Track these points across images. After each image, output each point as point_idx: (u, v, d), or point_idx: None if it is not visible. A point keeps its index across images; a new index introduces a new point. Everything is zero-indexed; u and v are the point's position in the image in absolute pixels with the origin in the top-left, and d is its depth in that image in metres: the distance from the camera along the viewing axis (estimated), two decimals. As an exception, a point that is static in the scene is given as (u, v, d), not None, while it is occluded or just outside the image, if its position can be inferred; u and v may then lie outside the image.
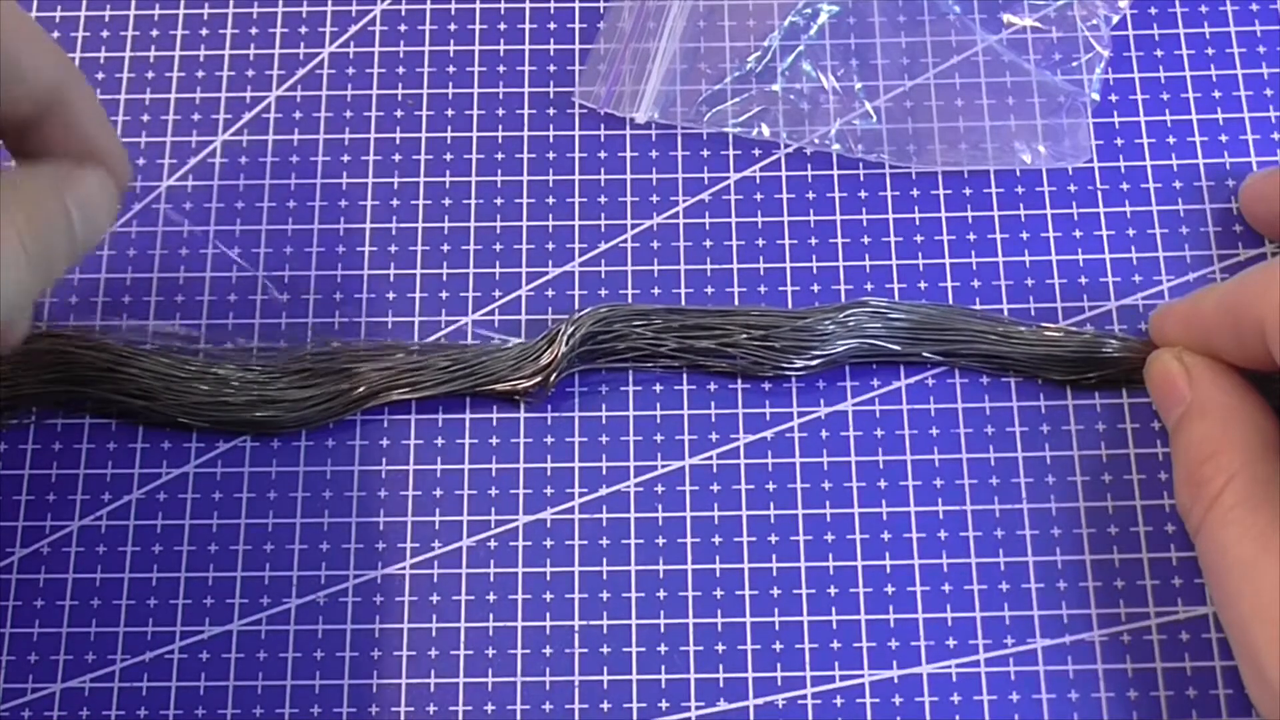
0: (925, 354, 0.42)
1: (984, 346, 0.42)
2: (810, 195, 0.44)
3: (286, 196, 0.45)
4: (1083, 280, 0.43)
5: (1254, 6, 0.46)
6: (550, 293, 0.43)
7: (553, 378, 0.41)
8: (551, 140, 0.45)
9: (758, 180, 0.45)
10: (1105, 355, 0.41)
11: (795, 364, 0.42)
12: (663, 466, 0.42)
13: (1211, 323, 0.38)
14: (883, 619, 0.40)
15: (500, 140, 0.45)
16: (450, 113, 0.46)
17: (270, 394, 0.42)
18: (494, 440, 0.42)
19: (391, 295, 0.44)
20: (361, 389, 0.42)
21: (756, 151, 0.45)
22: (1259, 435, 0.37)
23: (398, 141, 0.45)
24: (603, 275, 0.44)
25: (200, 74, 0.47)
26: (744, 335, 0.42)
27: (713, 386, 0.42)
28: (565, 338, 0.41)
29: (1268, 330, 0.36)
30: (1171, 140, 0.45)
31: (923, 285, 0.43)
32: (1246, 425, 0.37)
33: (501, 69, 0.46)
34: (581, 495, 0.41)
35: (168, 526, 0.41)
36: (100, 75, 0.47)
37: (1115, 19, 0.46)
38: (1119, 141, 0.45)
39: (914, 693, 0.39)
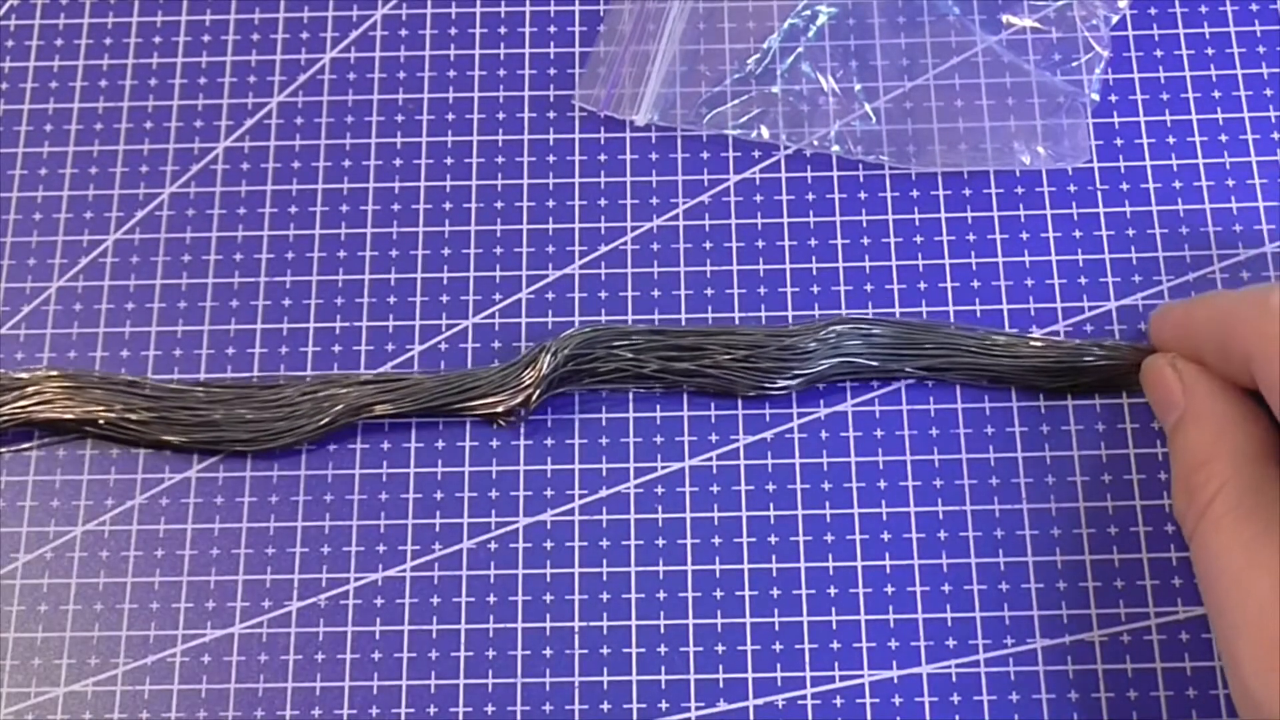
0: (908, 369, 0.42)
1: (966, 359, 0.42)
2: (810, 197, 0.44)
3: (288, 202, 0.45)
4: (1083, 280, 0.43)
5: (1254, 6, 0.46)
6: (550, 295, 0.44)
7: (535, 395, 0.41)
8: (551, 143, 0.45)
9: (757, 182, 0.45)
10: (1088, 364, 0.41)
11: (777, 383, 0.42)
12: (662, 468, 0.42)
13: (1202, 336, 0.38)
14: (882, 619, 0.40)
15: (500, 144, 0.45)
16: (451, 117, 0.46)
17: (265, 414, 0.42)
18: (494, 443, 0.42)
19: (392, 300, 0.44)
20: (341, 406, 0.42)
21: (756, 153, 0.45)
22: (1252, 443, 0.37)
23: (399, 146, 0.46)
24: (603, 278, 0.44)
25: (203, 80, 0.47)
26: (726, 355, 0.42)
27: (712, 388, 0.42)
28: (546, 361, 0.41)
29: (1253, 358, 0.36)
30: (1171, 140, 0.45)
31: (922, 286, 0.43)
32: (1239, 433, 0.37)
33: (501, 73, 0.46)
34: (581, 497, 0.41)
35: (170, 531, 0.42)
36: (104, 83, 0.47)
37: (1115, 19, 0.46)
38: (1119, 141, 0.45)
39: (914, 693, 0.39)
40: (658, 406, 0.42)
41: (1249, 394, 0.38)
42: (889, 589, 0.40)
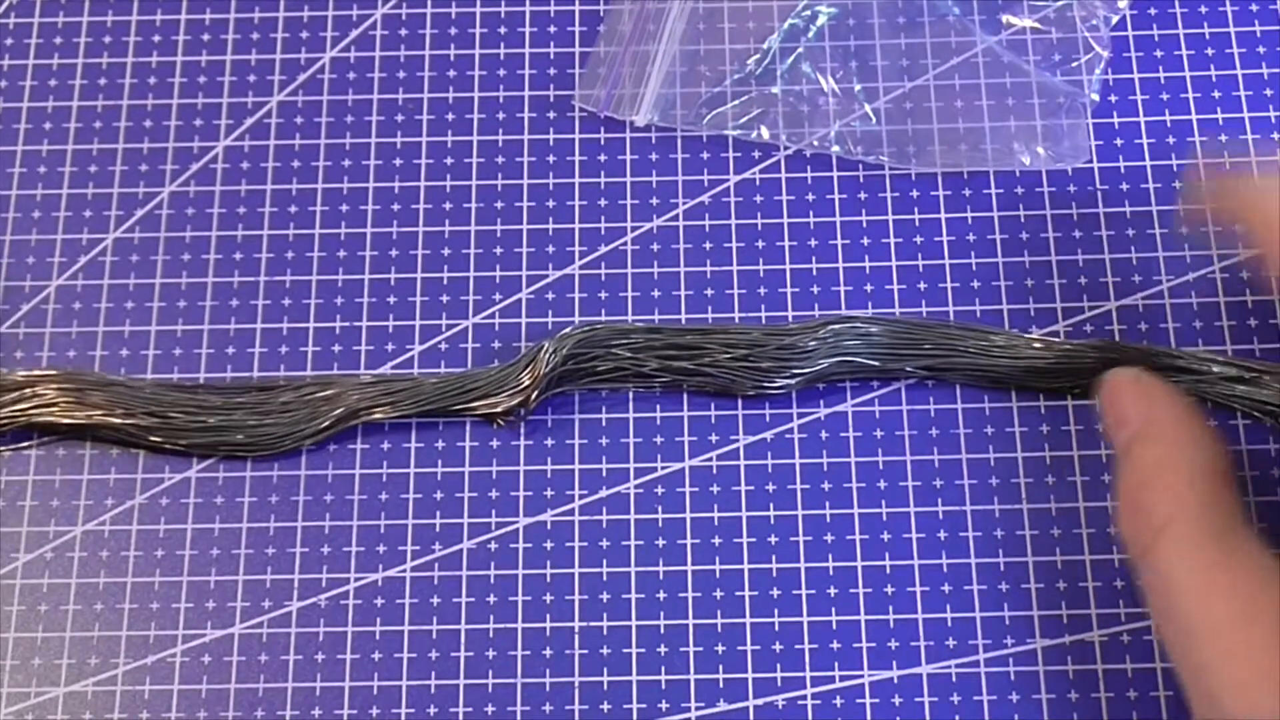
0: (908, 369, 0.42)
1: (966, 360, 0.42)
2: (810, 197, 0.44)
3: (288, 201, 0.45)
4: (1083, 280, 0.43)
5: (1254, 6, 0.46)
6: (550, 295, 0.44)
7: (534, 395, 0.41)
8: (551, 144, 0.45)
9: (757, 182, 0.45)
10: (1087, 365, 0.41)
11: (776, 382, 0.42)
12: (662, 468, 0.42)
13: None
14: (882, 619, 0.40)
15: (500, 144, 0.45)
16: (450, 117, 0.46)
17: (265, 419, 0.42)
18: (494, 443, 0.42)
19: (392, 299, 0.44)
20: (340, 410, 0.42)
21: (756, 154, 0.45)
22: (1208, 464, 0.36)
23: (398, 146, 0.46)
24: (603, 278, 0.44)
25: (202, 79, 0.47)
26: (725, 355, 0.42)
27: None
28: (546, 360, 0.41)
29: None
30: (1171, 140, 0.45)
31: (922, 286, 0.43)
32: (1195, 453, 0.36)
33: (501, 73, 0.46)
34: (581, 497, 0.41)
35: (170, 531, 0.42)
36: (103, 81, 0.47)
37: (1115, 19, 0.46)
38: (1119, 141, 0.45)
39: (914, 693, 0.39)
40: (658, 406, 0.42)
41: (1202, 416, 0.38)
42: (889, 589, 0.40)
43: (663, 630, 0.40)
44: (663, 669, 0.40)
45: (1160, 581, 0.35)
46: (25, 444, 0.43)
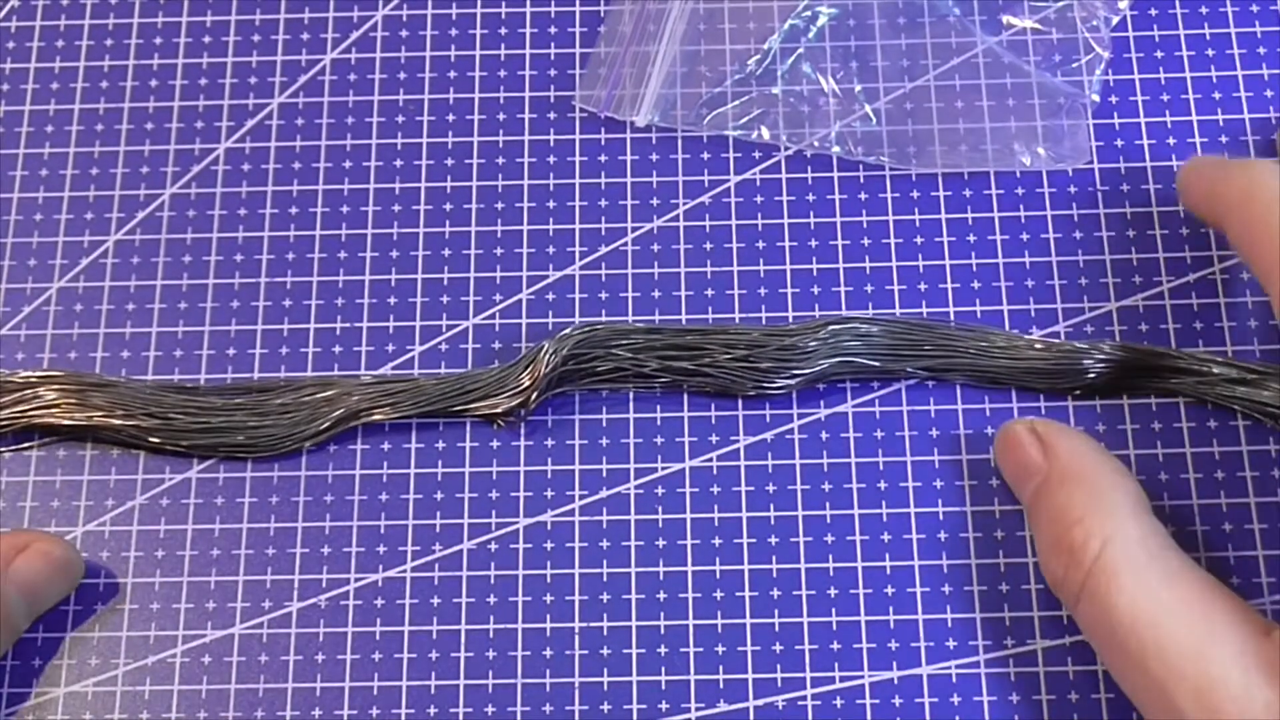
0: (908, 369, 0.42)
1: (966, 360, 0.42)
2: (810, 197, 0.44)
3: (289, 203, 0.45)
4: (1083, 281, 0.43)
5: (1254, 7, 0.46)
6: (551, 296, 0.44)
7: (534, 396, 0.41)
8: (552, 144, 0.45)
9: (758, 183, 0.45)
10: (1087, 366, 0.41)
11: (776, 383, 0.42)
12: (663, 469, 0.42)
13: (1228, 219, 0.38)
14: (883, 620, 0.40)
15: (501, 144, 0.46)
16: (451, 117, 0.46)
17: (265, 420, 0.42)
18: (494, 444, 0.42)
19: (393, 300, 0.44)
20: (340, 411, 0.42)
21: (756, 154, 0.45)
22: (1124, 495, 0.36)
23: (399, 147, 0.46)
24: (603, 278, 0.44)
25: (203, 81, 0.47)
26: (725, 355, 0.42)
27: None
28: (546, 360, 0.41)
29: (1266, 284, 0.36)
30: (1171, 141, 0.45)
31: (923, 287, 0.43)
32: (1111, 487, 0.36)
33: (502, 73, 0.46)
34: (582, 498, 0.41)
35: (170, 531, 0.42)
36: (104, 84, 0.47)
37: (1115, 19, 0.46)
38: (1119, 142, 0.45)
39: (914, 694, 0.39)
40: (658, 407, 0.42)
41: (1107, 451, 0.38)
42: (889, 590, 0.40)
43: (663, 631, 0.40)
44: (663, 669, 0.40)
45: (1102, 615, 0.34)
46: (26, 445, 0.43)
